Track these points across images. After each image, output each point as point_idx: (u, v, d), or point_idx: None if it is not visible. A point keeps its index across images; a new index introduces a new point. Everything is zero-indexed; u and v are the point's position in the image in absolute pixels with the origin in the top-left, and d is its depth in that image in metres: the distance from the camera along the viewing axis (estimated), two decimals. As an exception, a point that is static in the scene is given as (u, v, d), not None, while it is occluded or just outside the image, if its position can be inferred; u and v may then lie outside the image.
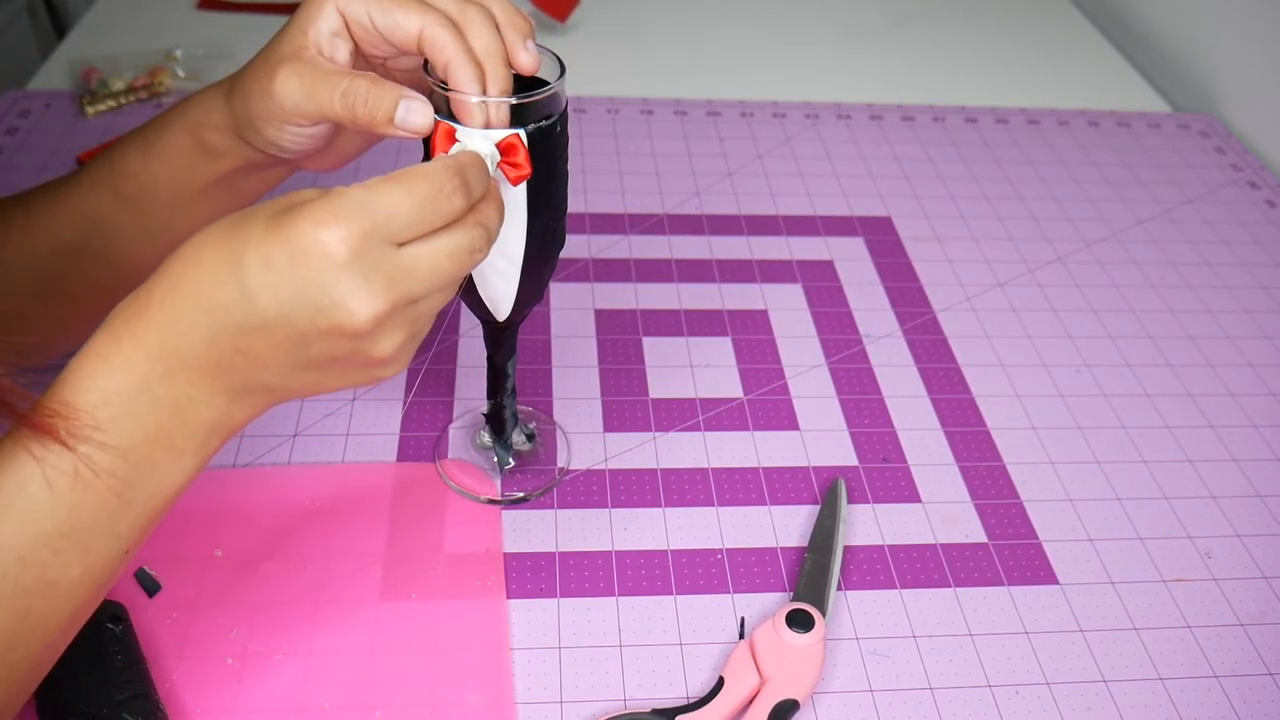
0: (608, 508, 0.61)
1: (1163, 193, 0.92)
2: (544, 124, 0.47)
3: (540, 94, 0.47)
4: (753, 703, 0.50)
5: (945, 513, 0.62)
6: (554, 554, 0.58)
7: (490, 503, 0.60)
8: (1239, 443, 0.68)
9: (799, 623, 0.52)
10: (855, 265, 0.81)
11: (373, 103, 0.47)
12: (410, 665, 0.52)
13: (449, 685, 0.51)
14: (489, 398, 0.60)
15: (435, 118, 0.46)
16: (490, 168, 0.46)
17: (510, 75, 0.48)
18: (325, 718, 0.50)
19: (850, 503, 0.62)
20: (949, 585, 0.58)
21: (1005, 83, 1.07)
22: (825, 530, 0.59)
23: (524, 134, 0.46)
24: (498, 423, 0.61)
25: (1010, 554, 0.60)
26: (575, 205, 0.84)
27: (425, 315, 0.44)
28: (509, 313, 0.53)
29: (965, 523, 0.61)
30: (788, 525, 0.60)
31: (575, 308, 0.74)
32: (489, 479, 0.62)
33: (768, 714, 0.50)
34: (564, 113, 0.48)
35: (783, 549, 0.59)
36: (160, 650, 0.52)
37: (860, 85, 1.05)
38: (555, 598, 0.56)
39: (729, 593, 0.57)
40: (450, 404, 0.66)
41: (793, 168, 0.91)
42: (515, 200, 0.48)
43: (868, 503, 0.62)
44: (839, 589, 0.57)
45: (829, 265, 0.80)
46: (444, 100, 0.47)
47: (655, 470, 0.63)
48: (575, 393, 0.67)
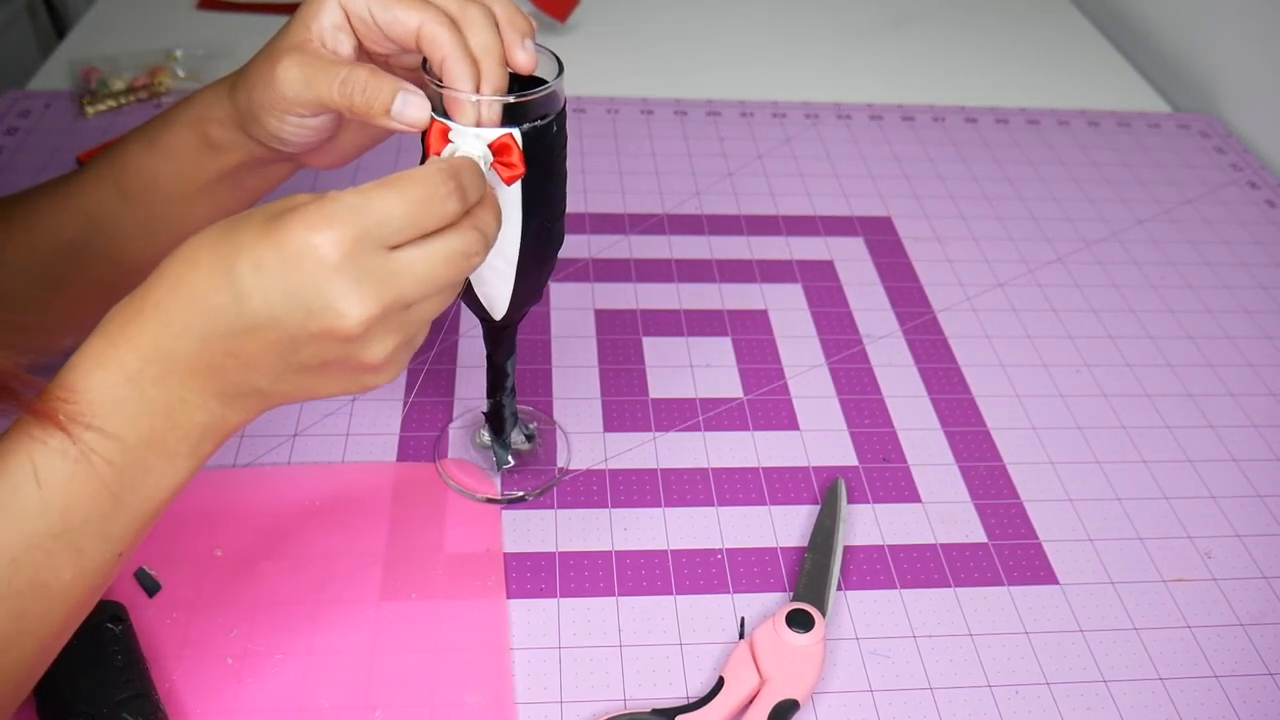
0: (608, 508, 0.61)
1: (1163, 193, 0.92)
2: (539, 124, 0.47)
3: (535, 94, 0.47)
4: (753, 703, 0.50)
5: (945, 513, 0.62)
6: (554, 554, 0.58)
7: (489, 502, 0.60)
8: (1239, 443, 0.68)
9: (799, 623, 0.52)
10: (855, 265, 0.81)
11: (370, 93, 0.47)
12: (410, 665, 0.52)
13: (449, 685, 0.51)
14: (489, 397, 0.60)
15: (431, 115, 0.46)
16: (484, 167, 0.46)
17: (506, 74, 0.48)
18: (325, 718, 0.50)
19: (850, 503, 0.62)
20: (949, 585, 0.58)
21: (1005, 83, 1.07)
22: (825, 530, 0.59)
23: (518, 133, 0.46)
24: (497, 422, 0.61)
25: (1010, 554, 0.60)
26: (575, 205, 0.84)
27: (419, 322, 0.43)
28: (505, 312, 0.53)
29: (965, 523, 0.61)
30: (788, 525, 0.60)
31: (575, 308, 0.74)
32: (488, 478, 0.62)
33: (768, 714, 0.50)
34: (561, 113, 0.48)
35: (783, 549, 0.59)
36: (160, 650, 0.52)
37: (860, 85, 1.05)
38: (555, 598, 0.56)
39: (729, 593, 0.57)
40: (450, 404, 0.66)
41: (793, 168, 0.91)
42: (510, 200, 0.48)
43: (868, 503, 0.62)
44: (839, 589, 0.57)
45: (829, 265, 0.80)
46: (439, 97, 0.47)
47: (655, 470, 0.63)
48: (575, 393, 0.68)
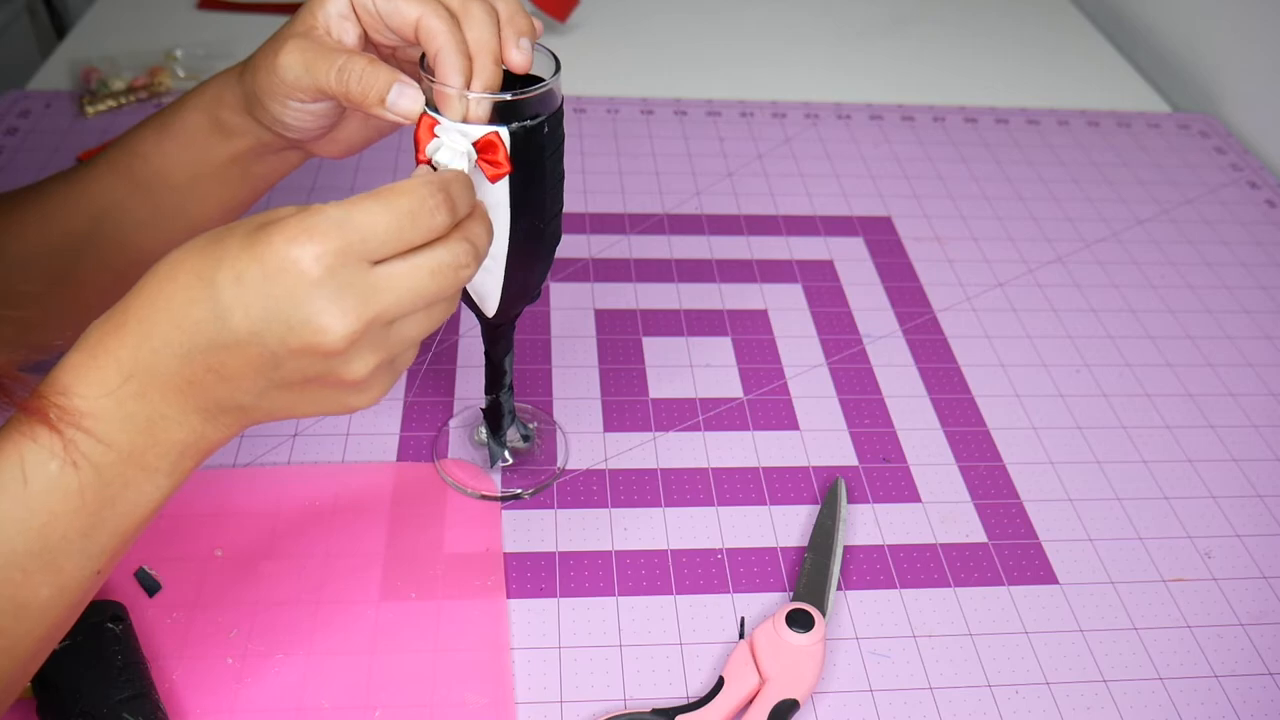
0: (608, 508, 0.61)
1: (1163, 193, 0.92)
2: (529, 124, 0.47)
3: (524, 94, 0.47)
4: (753, 702, 0.50)
5: (945, 513, 0.62)
6: (554, 554, 0.58)
7: (486, 499, 0.60)
8: (1239, 443, 0.68)
9: (799, 622, 0.52)
10: (855, 265, 0.81)
11: (366, 81, 0.47)
12: (410, 665, 0.52)
13: (449, 685, 0.51)
14: (487, 393, 0.60)
15: (424, 108, 0.47)
16: (467, 164, 0.46)
17: (499, 72, 0.47)
18: (325, 717, 0.50)
19: (850, 502, 0.62)
20: (949, 585, 0.58)
21: (1005, 83, 1.07)
22: (825, 530, 0.59)
23: (505, 132, 0.46)
24: (494, 419, 0.61)
25: (1010, 554, 0.60)
26: (575, 205, 0.84)
27: (403, 340, 0.42)
28: (496, 309, 0.53)
29: (965, 523, 0.61)
30: (788, 525, 0.60)
31: (575, 308, 0.74)
32: (486, 476, 0.62)
33: (768, 714, 0.50)
34: (555, 114, 0.48)
35: (783, 549, 0.59)
36: (160, 650, 0.52)
37: (860, 85, 1.05)
38: (555, 598, 0.56)
39: (729, 592, 0.57)
40: (450, 404, 0.66)
41: (793, 168, 0.91)
42: (497, 197, 0.48)
43: (868, 502, 0.62)
44: (839, 589, 0.57)
45: (829, 265, 0.80)
46: (431, 90, 0.47)
47: (655, 470, 0.63)
48: (575, 393, 0.68)
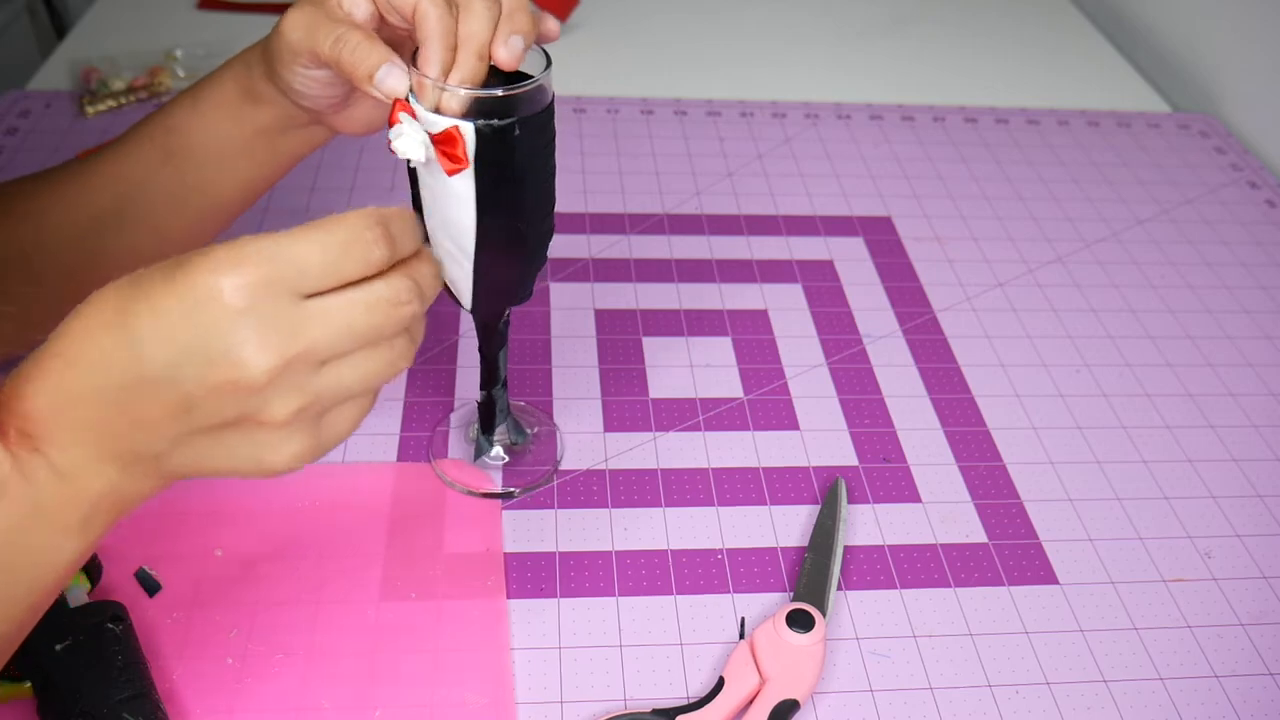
0: (608, 508, 0.61)
1: (1163, 193, 0.92)
2: (496, 123, 0.46)
3: (492, 91, 0.46)
4: (753, 703, 0.50)
5: (945, 513, 0.62)
6: (554, 554, 0.58)
7: (473, 494, 0.60)
8: (1239, 443, 0.68)
9: (799, 623, 0.52)
10: (855, 265, 0.80)
11: (359, 54, 0.47)
12: (410, 665, 0.52)
13: (449, 685, 0.51)
14: (481, 389, 0.60)
15: (409, 92, 0.47)
16: (424, 154, 0.46)
17: (482, 68, 0.47)
18: (325, 717, 0.50)
19: (850, 503, 0.62)
20: (949, 585, 0.58)
21: (1005, 83, 1.07)
22: (825, 530, 0.59)
23: (468, 128, 0.46)
24: (487, 415, 0.61)
25: (1010, 554, 0.60)
26: (575, 205, 0.84)
27: (335, 388, 0.39)
28: (471, 304, 0.53)
29: (965, 523, 0.61)
30: (788, 525, 0.60)
31: (575, 308, 0.74)
32: (481, 473, 0.62)
33: (768, 714, 0.50)
34: (534, 116, 0.47)
35: (783, 549, 0.59)
36: (160, 650, 0.52)
37: (860, 85, 1.05)
38: (555, 598, 0.56)
39: (729, 593, 0.57)
40: (450, 404, 0.66)
41: (793, 168, 0.91)
42: (461, 191, 0.48)
43: (868, 503, 0.62)
44: (839, 589, 0.57)
45: (829, 265, 0.80)
46: (413, 77, 0.47)
47: (655, 470, 0.63)
48: (575, 393, 0.67)
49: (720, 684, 0.51)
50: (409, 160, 0.47)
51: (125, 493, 0.39)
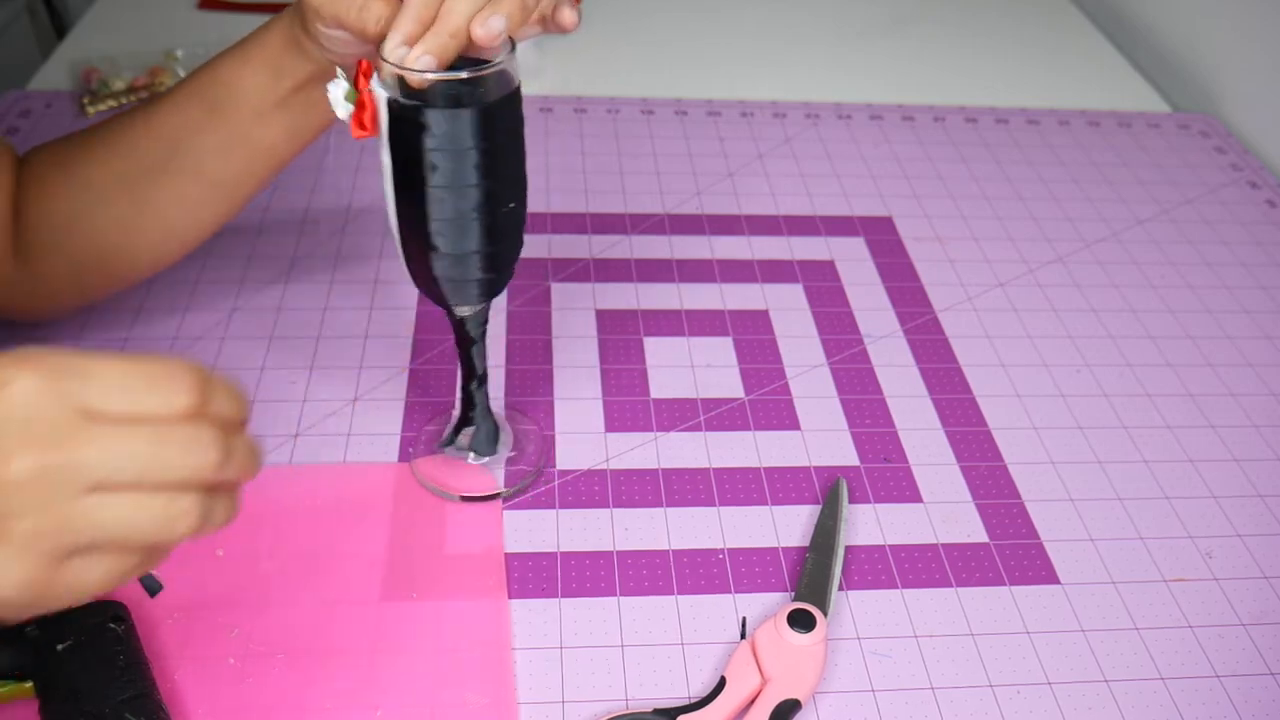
0: (609, 508, 0.61)
1: (1163, 193, 0.92)
2: (404, 101, 0.46)
3: (408, 69, 0.46)
4: (754, 702, 0.50)
5: (946, 513, 0.62)
6: (555, 554, 0.58)
7: (464, 500, 0.60)
8: (1240, 443, 0.68)
9: (800, 622, 0.52)
10: (856, 265, 0.81)
11: (365, 14, 0.48)
12: (411, 665, 0.52)
13: (450, 685, 0.51)
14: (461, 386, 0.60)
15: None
16: (341, 110, 0.47)
17: (450, 44, 0.47)
18: (326, 718, 0.50)
19: (851, 502, 0.62)
20: (950, 585, 0.58)
21: (1005, 83, 1.07)
22: (826, 530, 0.59)
23: (381, 97, 0.46)
24: (465, 414, 0.60)
25: (1011, 554, 0.60)
26: (576, 205, 0.84)
27: (89, 522, 0.34)
28: (415, 286, 0.53)
29: (966, 522, 0.62)
30: (789, 525, 0.60)
31: (576, 308, 0.74)
32: (464, 475, 0.61)
33: (769, 714, 0.50)
34: (453, 111, 0.46)
35: (784, 549, 0.59)
36: (161, 650, 0.52)
37: (860, 85, 1.05)
38: (557, 598, 0.56)
39: (730, 593, 0.57)
40: (451, 404, 0.66)
41: (793, 168, 0.91)
42: (384, 163, 0.49)
43: (869, 502, 0.62)
44: (840, 589, 0.57)
45: (830, 265, 0.80)
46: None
47: (656, 470, 0.63)
48: (576, 393, 0.67)
49: (721, 684, 0.51)
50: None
51: None
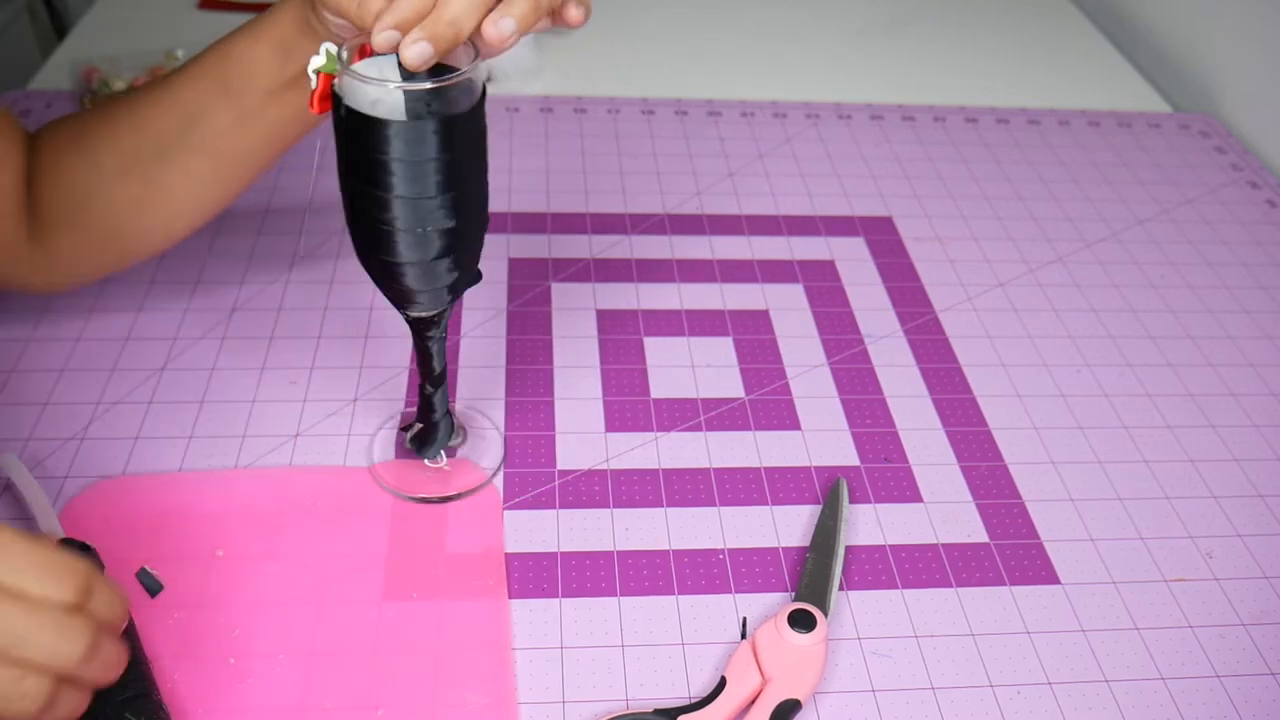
0: (609, 508, 0.61)
1: (1163, 193, 0.92)
2: (349, 106, 0.46)
3: (349, 72, 0.46)
4: (755, 702, 0.50)
5: (946, 513, 0.62)
6: (555, 554, 0.58)
7: (420, 501, 0.59)
8: (1240, 442, 0.68)
9: (801, 623, 0.52)
10: (856, 265, 0.81)
11: (364, 9, 0.48)
12: (412, 665, 0.52)
13: (451, 685, 0.51)
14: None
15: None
16: (310, 78, 0.47)
17: (444, 33, 0.46)
18: (327, 717, 0.50)
19: (852, 502, 0.62)
20: (950, 585, 0.58)
21: (1005, 83, 1.07)
22: (827, 530, 0.59)
23: (335, 84, 0.47)
24: (424, 413, 0.59)
25: (1012, 554, 0.60)
26: (576, 205, 0.84)
27: None
28: (366, 271, 0.53)
29: (966, 523, 0.62)
30: (789, 525, 0.60)
31: (576, 308, 0.74)
32: (420, 477, 0.60)
33: (770, 714, 0.50)
34: (388, 123, 0.46)
35: (784, 549, 0.59)
36: (162, 650, 0.52)
37: (860, 85, 1.05)
38: (557, 598, 0.56)
39: (731, 593, 0.57)
40: (451, 404, 0.66)
41: (793, 168, 0.91)
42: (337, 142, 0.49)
43: (869, 502, 0.62)
44: (840, 589, 0.57)
45: (830, 265, 0.80)
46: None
47: (657, 470, 0.63)
48: (577, 393, 0.67)
49: (722, 684, 0.51)
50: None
51: None
